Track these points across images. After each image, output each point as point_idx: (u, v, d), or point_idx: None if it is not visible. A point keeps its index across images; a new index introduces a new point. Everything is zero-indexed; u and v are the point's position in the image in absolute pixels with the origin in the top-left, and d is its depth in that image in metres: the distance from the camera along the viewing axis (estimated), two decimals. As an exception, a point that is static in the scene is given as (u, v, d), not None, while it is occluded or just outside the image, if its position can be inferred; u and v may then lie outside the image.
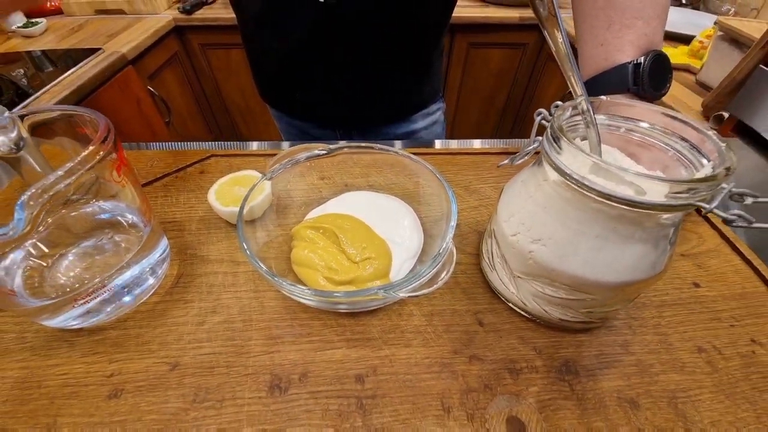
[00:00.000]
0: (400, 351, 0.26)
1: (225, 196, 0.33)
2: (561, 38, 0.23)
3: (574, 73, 0.24)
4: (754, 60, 0.56)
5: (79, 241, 0.29)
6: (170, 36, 1.13)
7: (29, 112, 0.26)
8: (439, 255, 0.23)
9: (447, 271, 0.22)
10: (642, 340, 0.27)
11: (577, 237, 0.22)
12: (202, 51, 1.25)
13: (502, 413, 0.23)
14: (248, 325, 0.27)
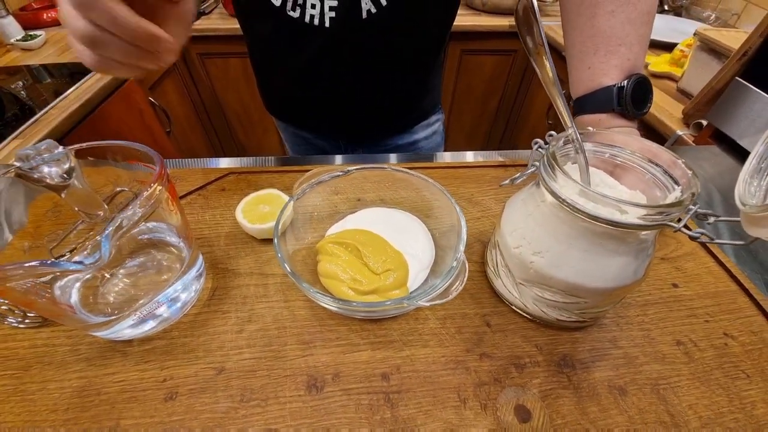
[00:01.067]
0: (419, 351, 0.29)
1: (251, 214, 0.37)
2: (549, 68, 0.26)
3: (562, 104, 0.27)
4: (731, 71, 0.61)
5: (126, 260, 0.32)
6: (169, 47, 1.14)
7: (83, 147, 0.29)
8: (453, 268, 0.26)
9: (461, 281, 0.26)
10: (628, 336, 0.31)
11: (570, 250, 0.25)
12: (200, 61, 1.27)
13: (510, 402, 0.26)
14: (282, 331, 0.30)
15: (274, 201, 0.38)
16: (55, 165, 0.28)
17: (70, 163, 0.29)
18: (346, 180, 0.36)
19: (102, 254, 0.20)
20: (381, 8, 0.47)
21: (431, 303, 0.25)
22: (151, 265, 0.32)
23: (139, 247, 0.34)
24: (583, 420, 0.26)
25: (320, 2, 0.47)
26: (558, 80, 0.26)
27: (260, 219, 0.36)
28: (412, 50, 0.56)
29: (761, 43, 0.55)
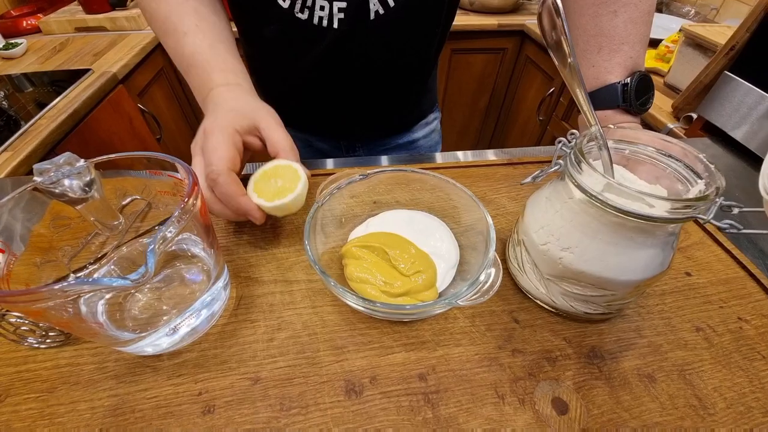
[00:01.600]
0: (452, 350, 0.30)
1: (266, 191, 0.34)
2: (576, 68, 0.27)
3: (586, 103, 0.28)
4: (719, 66, 0.63)
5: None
6: (156, 52, 1.12)
7: (104, 160, 0.28)
8: (488, 266, 0.27)
9: (498, 278, 0.26)
10: (650, 325, 0.32)
11: (600, 245, 0.26)
12: (187, 65, 1.24)
13: (547, 396, 0.27)
14: (314, 338, 0.30)
15: (284, 173, 0.35)
16: (76, 178, 0.27)
17: (90, 175, 0.28)
18: (364, 184, 0.36)
19: (148, 269, 0.20)
20: (389, 9, 0.48)
21: (474, 302, 0.25)
22: (176, 277, 0.32)
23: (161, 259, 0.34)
24: (618, 409, 0.27)
25: (329, 4, 0.47)
26: (583, 81, 0.27)
27: (278, 194, 0.34)
28: (416, 50, 0.57)
29: (748, 38, 0.57)
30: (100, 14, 1.08)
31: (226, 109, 0.37)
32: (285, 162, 0.36)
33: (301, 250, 0.37)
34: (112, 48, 1.01)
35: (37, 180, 0.26)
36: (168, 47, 0.45)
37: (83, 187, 0.28)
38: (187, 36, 0.42)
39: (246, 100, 0.39)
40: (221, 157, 0.32)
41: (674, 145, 0.27)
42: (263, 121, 0.36)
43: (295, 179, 0.35)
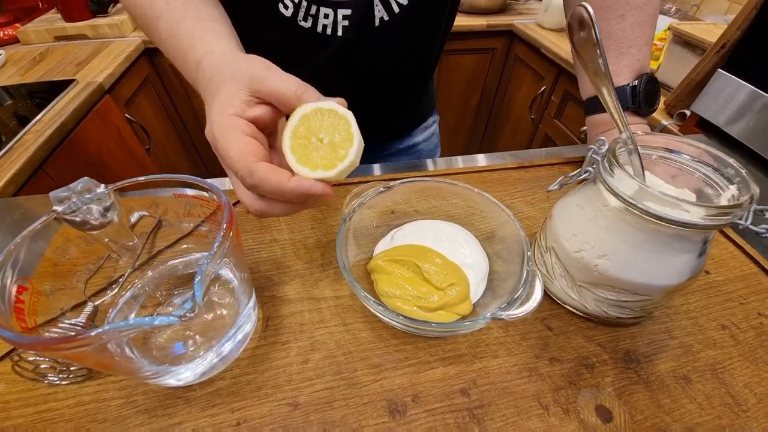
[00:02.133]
0: (490, 362, 0.30)
1: (311, 156, 0.26)
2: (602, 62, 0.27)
3: (617, 110, 0.28)
4: (710, 63, 0.65)
5: (174, 299, 0.30)
6: (141, 59, 1.09)
7: (126, 184, 0.27)
8: (528, 276, 0.27)
9: (541, 288, 0.26)
10: (679, 325, 0.32)
11: (637, 252, 0.26)
12: (174, 71, 1.21)
13: (589, 404, 0.27)
14: (349, 357, 0.30)
15: (320, 122, 0.26)
16: (96, 204, 0.26)
17: (110, 200, 0.27)
18: (387, 195, 0.36)
19: (197, 303, 0.19)
20: (394, 15, 0.47)
21: (518, 316, 0.25)
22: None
23: (182, 282, 0.33)
24: (660, 412, 0.27)
25: (333, 12, 0.46)
26: (615, 89, 0.27)
27: (332, 155, 0.25)
28: (419, 54, 0.57)
29: (739, 36, 0.59)
30: (80, 22, 1.04)
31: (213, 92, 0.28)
32: (311, 107, 0.26)
33: (324, 265, 0.37)
34: (96, 57, 0.97)
35: (57, 209, 0.24)
36: (155, 42, 0.38)
37: (103, 212, 0.27)
38: (160, 20, 0.35)
39: (231, 65, 0.29)
40: (238, 156, 0.25)
41: (701, 148, 0.27)
42: (254, 80, 0.27)
43: (340, 124, 0.26)
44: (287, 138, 0.26)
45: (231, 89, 0.27)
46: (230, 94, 0.27)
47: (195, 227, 0.36)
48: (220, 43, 0.32)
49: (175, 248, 0.36)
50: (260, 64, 0.28)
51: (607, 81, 0.27)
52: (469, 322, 0.25)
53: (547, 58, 1.14)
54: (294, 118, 0.26)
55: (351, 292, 0.34)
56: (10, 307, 0.20)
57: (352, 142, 0.25)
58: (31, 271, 0.24)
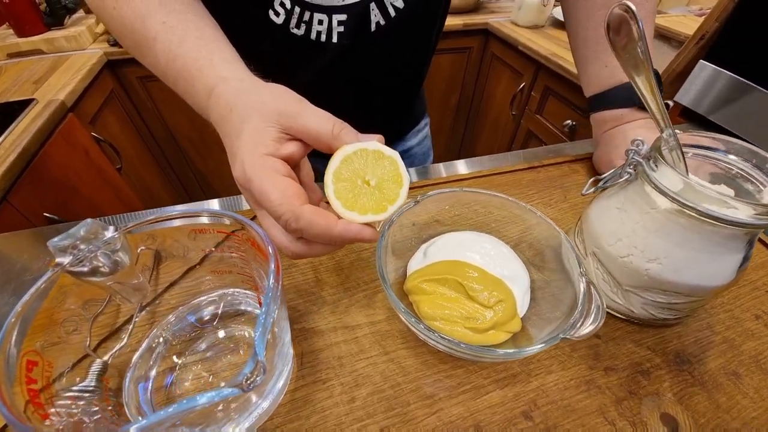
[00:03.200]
0: (546, 379, 0.28)
1: (357, 200, 0.24)
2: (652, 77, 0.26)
3: (659, 108, 0.27)
4: (690, 54, 0.67)
5: (192, 345, 0.27)
6: (103, 73, 1.01)
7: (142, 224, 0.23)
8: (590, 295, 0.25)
9: (599, 301, 0.25)
10: (718, 320, 0.32)
11: (691, 254, 0.26)
12: (141, 84, 1.14)
13: (653, 413, 0.26)
14: (398, 390, 0.28)
15: (364, 163, 0.25)
16: (105, 249, 0.22)
17: (119, 243, 0.23)
18: (416, 210, 0.34)
19: (260, 363, 0.16)
20: (390, 19, 0.45)
21: (590, 332, 0.23)
22: (225, 340, 0.27)
23: (202, 324, 0.29)
24: (720, 413, 0.27)
25: (328, 18, 0.43)
26: (660, 86, 0.27)
27: (377, 203, 0.24)
28: (415, 57, 0.55)
29: (717, 27, 0.62)
30: (34, 36, 0.95)
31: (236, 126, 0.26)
32: (352, 148, 0.24)
33: (351, 289, 0.34)
34: (54, 73, 0.89)
35: (63, 262, 0.20)
36: (150, 67, 0.34)
37: (113, 257, 0.23)
38: (157, 41, 0.31)
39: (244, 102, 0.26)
40: (280, 200, 0.23)
41: (740, 146, 0.27)
42: (284, 116, 0.25)
43: (386, 165, 0.25)
44: (330, 182, 0.25)
45: (259, 125, 0.25)
46: (259, 131, 0.25)
47: (205, 256, 0.32)
48: (230, 68, 0.29)
49: (186, 283, 0.32)
50: (288, 96, 0.26)
51: (648, 73, 0.27)
52: (539, 345, 0.23)
53: (525, 54, 1.16)
54: (335, 161, 0.25)
55: (387, 317, 0.32)
56: (23, 391, 0.17)
57: (401, 182, 0.25)
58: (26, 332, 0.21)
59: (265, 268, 0.25)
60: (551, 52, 1.07)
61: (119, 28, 0.34)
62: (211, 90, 0.28)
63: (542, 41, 1.14)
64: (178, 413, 0.14)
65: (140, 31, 0.32)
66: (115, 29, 0.35)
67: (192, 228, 0.28)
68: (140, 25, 0.32)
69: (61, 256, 0.21)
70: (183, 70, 0.30)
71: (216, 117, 0.28)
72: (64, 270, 0.20)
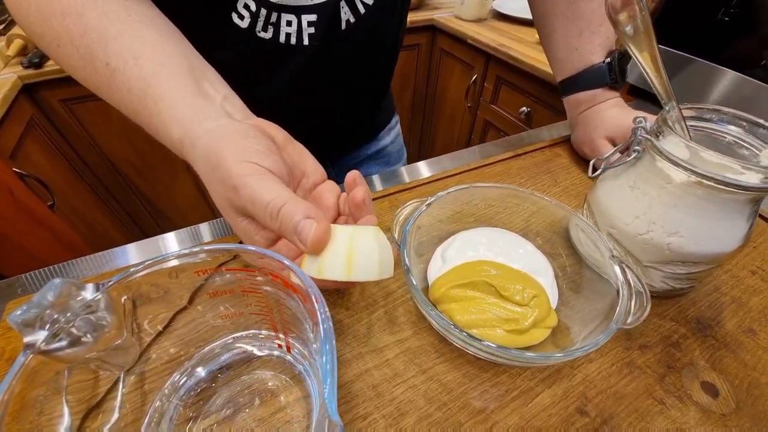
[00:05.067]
0: (589, 369, 0.28)
1: None
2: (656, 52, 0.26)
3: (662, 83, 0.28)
4: (631, 38, 0.72)
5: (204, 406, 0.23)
6: (19, 99, 0.88)
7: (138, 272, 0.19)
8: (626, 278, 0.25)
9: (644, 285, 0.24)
10: (722, 281, 0.34)
11: (711, 223, 0.26)
12: (65, 107, 1.01)
13: (694, 383, 0.27)
14: (446, 410, 0.25)
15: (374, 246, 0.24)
16: (85, 314, 0.18)
17: (104, 302, 0.19)
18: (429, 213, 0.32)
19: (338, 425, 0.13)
20: (359, 15, 0.43)
21: (642, 318, 0.23)
22: (244, 391, 0.24)
23: (212, 378, 0.25)
24: (749, 370, 0.28)
25: (297, 19, 0.40)
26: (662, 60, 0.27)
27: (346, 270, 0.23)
28: (384, 54, 0.54)
29: (655, 8, 0.66)
30: None
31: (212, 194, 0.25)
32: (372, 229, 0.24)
33: (368, 306, 0.31)
34: (-45, 104, 0.75)
35: (33, 341, 0.16)
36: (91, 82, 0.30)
37: (97, 321, 0.18)
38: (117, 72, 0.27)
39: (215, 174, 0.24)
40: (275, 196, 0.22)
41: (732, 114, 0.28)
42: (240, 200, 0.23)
43: None
44: None
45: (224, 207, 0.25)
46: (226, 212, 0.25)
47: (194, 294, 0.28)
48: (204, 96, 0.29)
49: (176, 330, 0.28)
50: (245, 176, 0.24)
51: (653, 47, 0.27)
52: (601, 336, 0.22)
53: (473, 47, 1.19)
54: None
55: (414, 331, 0.30)
56: None
57: None
58: None
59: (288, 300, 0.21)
60: (499, 43, 1.10)
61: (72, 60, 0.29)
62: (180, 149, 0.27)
63: (488, 33, 1.17)
64: None
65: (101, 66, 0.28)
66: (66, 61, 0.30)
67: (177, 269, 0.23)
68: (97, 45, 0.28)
69: (30, 334, 0.16)
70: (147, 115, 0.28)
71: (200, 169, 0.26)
72: (38, 352, 0.16)
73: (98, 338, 0.19)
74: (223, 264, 0.24)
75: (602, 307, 0.26)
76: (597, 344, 0.22)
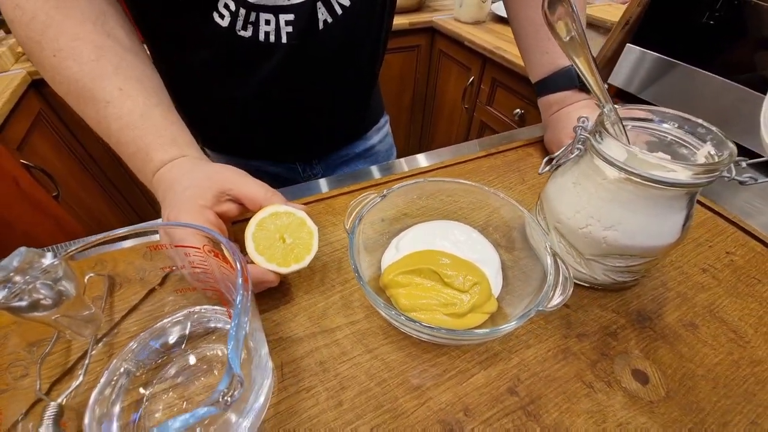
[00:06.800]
0: (525, 354, 0.29)
1: (272, 251, 0.30)
2: (589, 55, 0.28)
3: (599, 86, 0.29)
4: (617, 39, 0.73)
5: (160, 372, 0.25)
6: (28, 94, 0.92)
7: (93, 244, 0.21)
8: (551, 264, 0.27)
9: (569, 272, 0.26)
10: (670, 277, 0.35)
11: (641, 217, 0.28)
12: (73, 104, 1.05)
13: (625, 371, 0.28)
14: (385, 386, 0.27)
15: (286, 225, 0.30)
16: (44, 278, 0.20)
17: (61, 270, 0.21)
18: (383, 204, 0.34)
19: (236, 377, 0.15)
20: (336, 16, 0.45)
21: (560, 302, 0.24)
22: (196, 362, 0.26)
23: (167, 348, 0.27)
24: (684, 362, 0.29)
25: (275, 18, 0.42)
26: (596, 65, 0.28)
27: (291, 255, 0.30)
28: (365, 55, 0.55)
29: (640, 12, 0.67)
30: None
31: (180, 191, 0.30)
32: (283, 208, 0.31)
33: (326, 291, 0.33)
34: (-32, 97, 0.80)
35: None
36: (85, 116, 0.34)
37: (55, 287, 0.21)
38: (111, 105, 0.32)
39: (199, 171, 0.32)
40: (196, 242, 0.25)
41: (673, 115, 0.30)
42: (227, 182, 0.31)
43: (304, 231, 0.31)
44: (253, 225, 0.30)
45: (203, 185, 0.30)
46: (202, 189, 0.30)
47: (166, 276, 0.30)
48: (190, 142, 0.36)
49: (146, 307, 0.30)
50: (232, 169, 0.33)
51: (585, 52, 0.28)
52: (515, 321, 0.24)
53: (471, 49, 1.20)
54: (264, 212, 0.30)
55: (366, 315, 0.32)
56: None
57: (310, 251, 0.30)
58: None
59: (233, 279, 0.23)
60: (495, 45, 1.11)
61: (54, 74, 0.33)
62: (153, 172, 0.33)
63: (485, 36, 1.19)
64: None
65: (89, 90, 0.32)
66: (47, 73, 0.33)
67: (147, 246, 0.26)
68: (90, 84, 0.32)
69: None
70: (130, 143, 0.33)
71: (160, 193, 0.33)
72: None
73: (57, 302, 0.21)
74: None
75: (534, 294, 0.27)
76: (510, 326, 0.24)
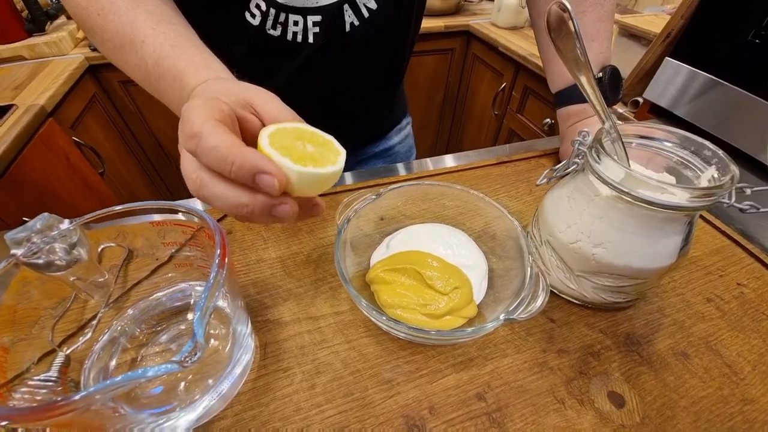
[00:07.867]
0: (501, 362, 0.29)
1: (289, 149, 0.22)
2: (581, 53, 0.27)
3: (599, 103, 0.29)
4: (657, 52, 0.70)
5: (155, 336, 0.27)
6: (85, 77, 1.01)
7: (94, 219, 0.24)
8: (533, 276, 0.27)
9: (546, 283, 0.26)
10: (669, 303, 0.34)
11: (632, 238, 0.27)
12: (123, 88, 1.14)
13: (601, 391, 0.28)
14: (358, 376, 0.28)
15: (312, 139, 0.24)
16: (61, 242, 0.23)
17: (76, 236, 0.24)
18: (378, 203, 0.35)
19: (198, 343, 0.17)
20: (364, 19, 0.47)
21: (531, 314, 0.25)
22: (186, 332, 0.28)
23: (165, 317, 0.30)
24: (667, 391, 0.28)
25: (303, 18, 0.45)
26: (596, 81, 0.28)
27: (310, 159, 0.22)
28: (390, 57, 0.56)
29: (683, 25, 0.64)
30: (15, 43, 0.95)
31: (207, 93, 0.27)
32: (309, 127, 0.25)
33: (318, 281, 0.35)
34: (34, 78, 0.89)
35: (17, 253, 0.21)
36: (128, 66, 0.35)
37: (69, 250, 0.24)
38: (146, 44, 0.33)
39: (231, 83, 0.29)
40: (202, 119, 0.21)
41: (680, 135, 0.29)
42: (255, 96, 0.26)
43: (331, 149, 0.24)
44: (272, 127, 0.23)
45: (230, 92, 0.26)
46: (227, 93, 0.25)
47: (174, 254, 0.33)
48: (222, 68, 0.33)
49: (154, 279, 0.33)
50: (265, 90, 0.28)
51: (587, 71, 0.28)
52: (489, 324, 0.24)
53: (505, 55, 1.18)
54: (286, 124, 0.24)
55: (351, 307, 0.33)
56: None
57: (336, 162, 0.23)
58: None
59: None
60: (529, 52, 1.09)
61: (101, 33, 0.35)
62: (187, 97, 0.29)
63: (521, 42, 1.16)
64: (118, 384, 0.15)
65: (128, 35, 0.33)
66: (96, 34, 0.36)
67: (158, 223, 0.28)
68: (129, 29, 0.33)
69: (16, 248, 0.21)
70: (166, 75, 0.32)
71: None
72: (18, 261, 0.21)
73: (69, 264, 0.24)
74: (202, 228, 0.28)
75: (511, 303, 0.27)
76: (478, 332, 0.24)
